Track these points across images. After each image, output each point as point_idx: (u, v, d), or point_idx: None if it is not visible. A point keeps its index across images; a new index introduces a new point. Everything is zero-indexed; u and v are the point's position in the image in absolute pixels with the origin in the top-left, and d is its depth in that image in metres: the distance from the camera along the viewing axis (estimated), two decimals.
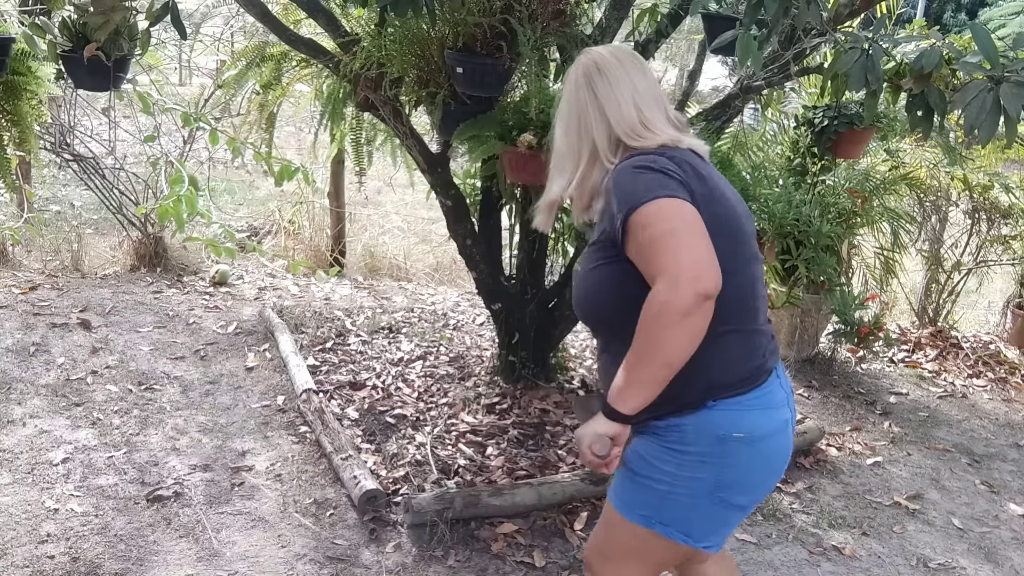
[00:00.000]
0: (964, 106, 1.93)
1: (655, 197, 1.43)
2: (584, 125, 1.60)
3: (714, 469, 1.54)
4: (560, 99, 1.67)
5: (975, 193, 4.72)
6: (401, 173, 4.29)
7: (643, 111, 1.59)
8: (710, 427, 1.53)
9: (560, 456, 3.07)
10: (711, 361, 1.50)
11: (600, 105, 1.59)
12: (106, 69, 2.74)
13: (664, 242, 1.40)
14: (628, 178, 1.49)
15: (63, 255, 4.89)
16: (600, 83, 1.60)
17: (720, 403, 1.53)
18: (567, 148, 1.64)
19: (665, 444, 1.56)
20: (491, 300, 3.42)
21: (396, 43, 2.68)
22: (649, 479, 1.58)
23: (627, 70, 1.61)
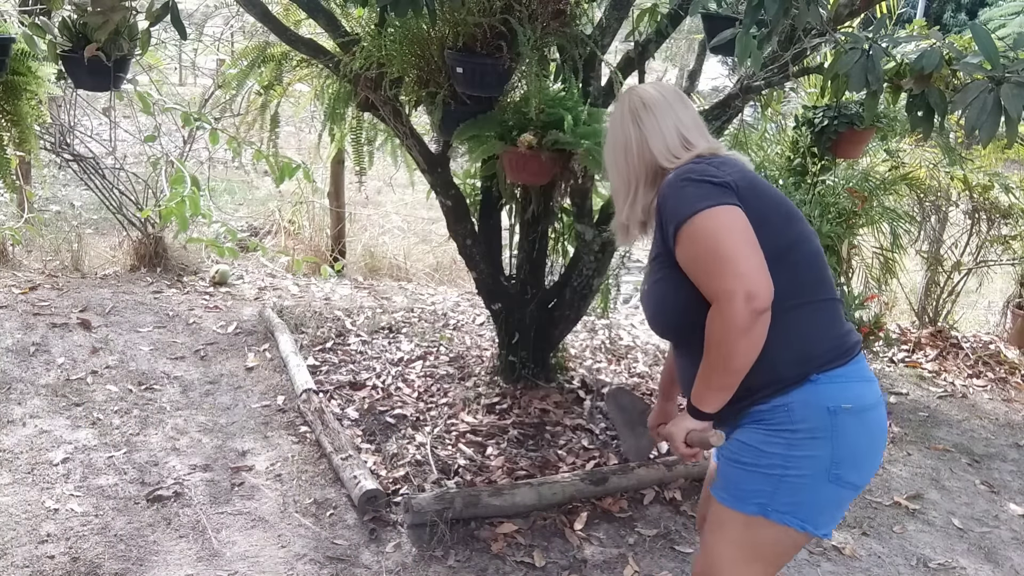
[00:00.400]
0: (965, 106, 1.93)
1: (699, 210, 1.53)
2: (629, 156, 1.72)
3: (827, 444, 1.56)
4: (608, 135, 1.79)
5: (975, 193, 4.72)
6: (401, 173, 4.29)
7: (685, 136, 1.71)
8: (817, 400, 1.57)
9: (560, 456, 3.07)
10: (802, 337, 1.58)
11: (645, 137, 1.70)
12: (106, 69, 2.74)
13: (713, 261, 1.51)
14: (673, 192, 1.59)
15: (63, 255, 4.89)
16: (645, 117, 1.72)
17: (822, 376, 1.57)
18: (619, 178, 1.76)
19: (773, 427, 1.59)
20: (491, 300, 3.42)
21: (396, 43, 2.68)
22: (759, 466, 1.60)
23: (671, 103, 1.74)
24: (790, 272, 1.57)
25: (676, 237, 1.56)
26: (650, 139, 1.70)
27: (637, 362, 4.00)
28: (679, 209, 1.55)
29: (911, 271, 5.02)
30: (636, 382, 3.76)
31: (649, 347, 4.24)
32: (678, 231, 1.55)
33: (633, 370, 3.91)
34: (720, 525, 1.69)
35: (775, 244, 1.56)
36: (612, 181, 1.80)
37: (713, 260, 1.51)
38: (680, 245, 1.56)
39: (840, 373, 1.59)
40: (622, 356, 4.06)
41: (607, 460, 3.04)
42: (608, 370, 3.85)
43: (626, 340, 4.32)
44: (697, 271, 1.55)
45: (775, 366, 1.57)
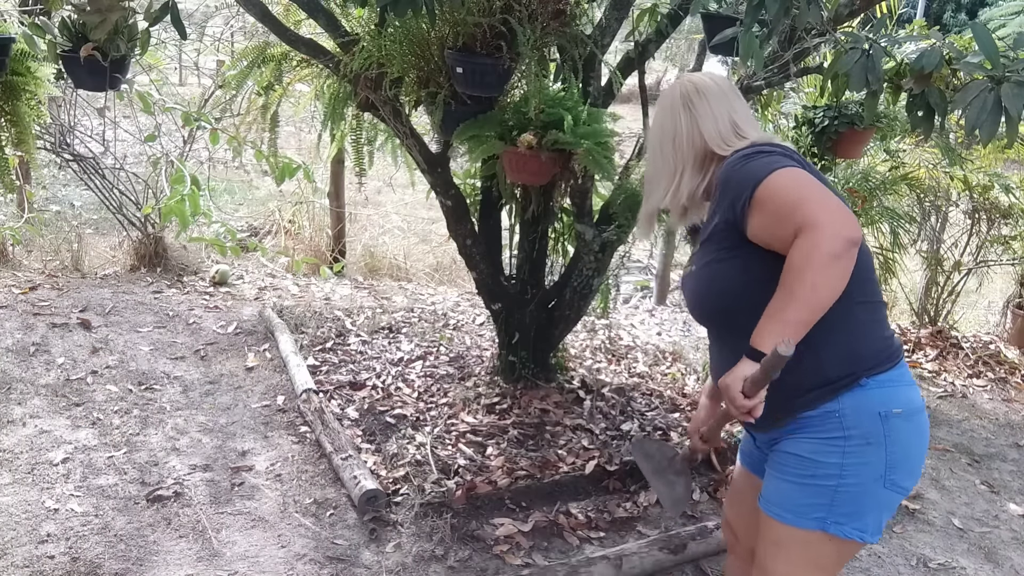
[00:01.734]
0: (965, 106, 1.93)
1: (775, 169, 1.50)
2: (678, 141, 1.70)
3: (880, 450, 1.54)
4: (655, 119, 1.76)
5: (975, 193, 4.72)
6: (401, 173, 4.29)
7: (737, 123, 1.69)
8: (868, 405, 1.54)
9: (560, 456, 3.07)
10: (851, 335, 1.54)
11: (697, 121, 1.69)
12: (104, 69, 2.74)
13: (801, 200, 1.44)
14: (740, 166, 1.56)
15: (63, 255, 4.89)
16: (698, 102, 1.70)
17: (872, 380, 1.54)
18: (662, 162, 1.73)
19: (824, 436, 1.55)
20: (491, 300, 3.42)
21: (396, 43, 2.68)
22: (814, 478, 1.56)
23: (725, 92, 1.72)
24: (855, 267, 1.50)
25: (751, 201, 1.50)
26: (702, 123, 1.68)
27: (637, 362, 4.00)
28: (753, 174, 1.52)
29: (911, 271, 5.02)
30: (636, 382, 3.76)
31: (649, 347, 4.24)
32: (754, 193, 1.50)
33: (633, 370, 3.91)
34: (776, 544, 1.64)
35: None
36: (654, 166, 1.77)
37: (800, 200, 1.44)
38: (756, 207, 1.50)
39: (888, 377, 1.56)
40: (622, 356, 4.06)
41: (607, 460, 3.04)
42: (608, 370, 3.85)
43: (626, 340, 4.32)
44: (780, 219, 1.47)
45: (823, 365, 1.54)
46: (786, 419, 1.60)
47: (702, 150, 1.68)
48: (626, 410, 3.44)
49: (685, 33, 4.50)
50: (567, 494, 2.92)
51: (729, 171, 1.58)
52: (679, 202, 1.73)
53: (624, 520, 2.82)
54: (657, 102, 1.80)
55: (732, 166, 1.58)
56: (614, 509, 2.87)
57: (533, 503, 2.85)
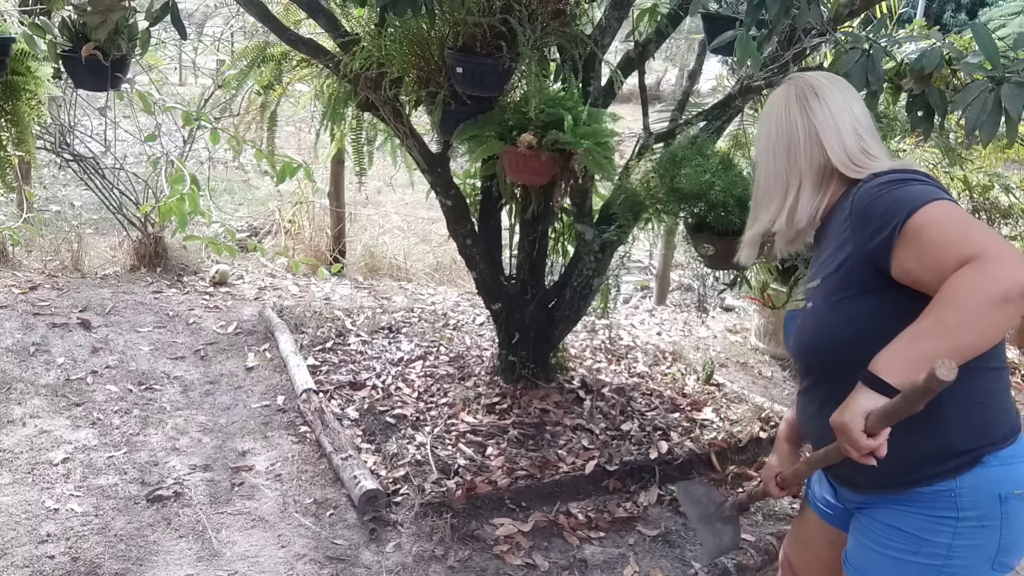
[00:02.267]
0: (965, 106, 1.93)
1: (934, 199, 1.30)
2: (794, 151, 1.51)
3: (994, 532, 1.39)
4: (763, 125, 1.57)
5: (975, 193, 4.71)
6: (401, 173, 4.29)
7: (864, 139, 1.49)
8: (988, 486, 1.38)
9: (560, 456, 3.07)
10: (984, 405, 1.38)
11: (816, 130, 1.49)
12: (105, 69, 2.74)
13: (969, 231, 1.26)
14: (885, 192, 1.36)
15: (63, 255, 4.89)
16: (817, 107, 1.50)
17: (994, 457, 1.38)
18: (775, 177, 1.54)
19: (934, 513, 1.40)
20: (491, 300, 3.42)
21: (396, 43, 2.68)
22: (917, 555, 1.41)
23: (844, 94, 1.53)
24: None
25: (902, 230, 1.29)
26: (823, 133, 1.48)
27: (637, 362, 4.00)
28: (905, 201, 1.31)
29: None
30: (636, 382, 3.76)
31: (649, 347, 4.24)
32: (907, 221, 1.29)
33: (633, 370, 3.91)
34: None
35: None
36: (763, 181, 1.56)
37: (968, 233, 1.25)
38: (908, 237, 1.29)
39: (1010, 453, 1.40)
40: (622, 356, 4.06)
41: (607, 460, 3.04)
42: (608, 370, 3.85)
43: (626, 340, 4.32)
44: (941, 247, 1.26)
45: (952, 437, 1.37)
46: (898, 489, 1.43)
47: (821, 164, 1.48)
48: (626, 410, 3.44)
49: (685, 33, 4.50)
50: (567, 494, 2.92)
51: (870, 197, 1.37)
52: (795, 226, 1.52)
53: (624, 520, 2.82)
54: (766, 105, 1.59)
55: (874, 191, 1.37)
56: (614, 509, 2.87)
57: (533, 503, 2.85)
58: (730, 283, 3.30)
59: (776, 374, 4.19)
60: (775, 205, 1.53)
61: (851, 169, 1.46)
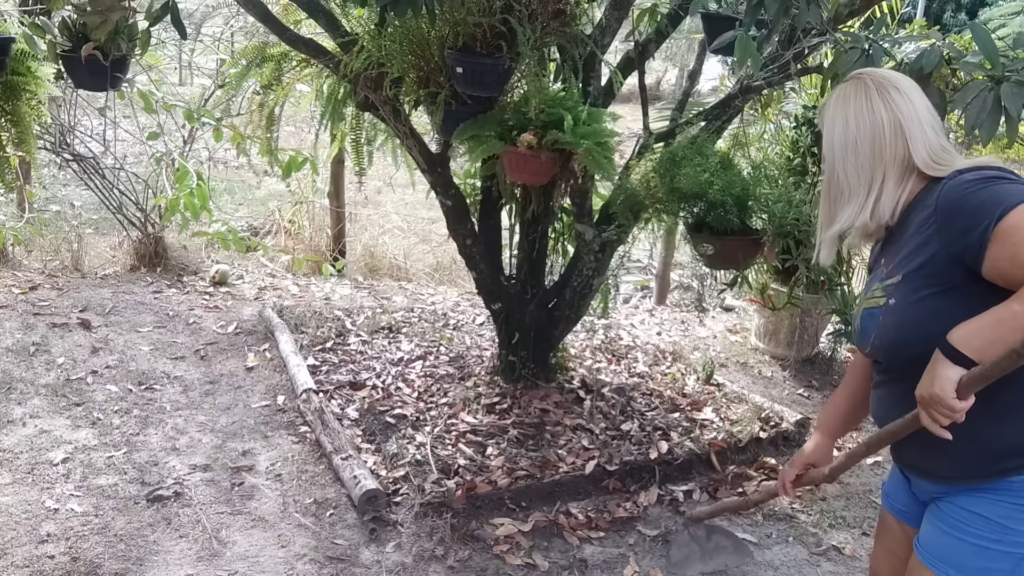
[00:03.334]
0: (965, 106, 1.93)
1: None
2: (879, 145, 1.48)
3: None
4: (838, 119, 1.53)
5: None
6: (401, 173, 4.29)
7: (940, 136, 1.49)
8: None
9: (560, 456, 3.07)
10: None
11: (900, 123, 1.47)
12: (105, 69, 2.74)
13: None
14: (975, 190, 1.36)
15: (63, 255, 4.89)
16: (900, 100, 1.48)
17: None
18: (856, 171, 1.50)
19: (1021, 503, 1.40)
20: (491, 300, 3.42)
21: (396, 43, 2.68)
22: (1000, 543, 1.42)
23: (919, 93, 1.51)
24: None
25: (995, 229, 1.30)
26: (907, 126, 1.46)
27: (637, 362, 4.00)
28: (997, 200, 1.31)
29: None
30: (636, 382, 3.76)
31: (649, 347, 4.24)
32: (1000, 221, 1.29)
33: (633, 370, 3.90)
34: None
35: None
36: (843, 176, 1.52)
37: None
38: (1001, 236, 1.30)
39: None
40: (622, 356, 4.06)
41: (607, 460, 3.04)
42: (608, 370, 3.85)
43: (626, 340, 4.31)
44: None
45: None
46: (986, 479, 1.43)
47: (904, 158, 1.47)
48: (626, 410, 3.44)
49: (685, 33, 4.50)
50: (567, 494, 2.92)
51: (959, 194, 1.37)
52: (877, 220, 1.49)
53: (624, 520, 2.82)
54: (833, 100, 1.55)
55: (961, 189, 1.37)
56: (614, 509, 2.87)
57: (533, 503, 2.85)
58: (730, 283, 3.30)
59: (776, 374, 4.19)
60: (857, 200, 1.51)
61: (932, 167, 1.45)
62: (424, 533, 2.64)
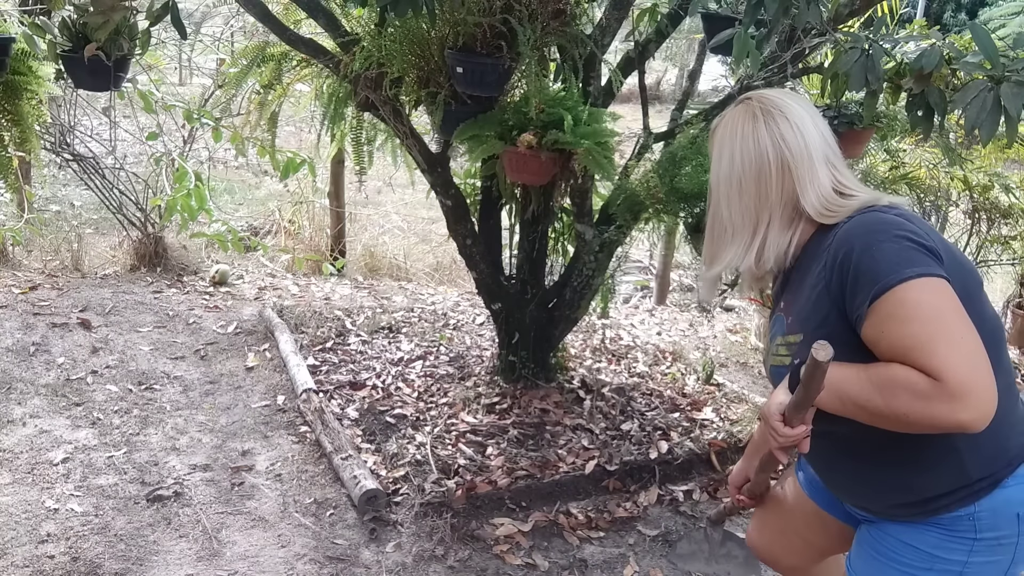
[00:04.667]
0: (964, 106, 1.93)
1: (910, 277, 1.20)
2: (765, 185, 1.37)
3: (1010, 549, 1.38)
4: (725, 150, 1.42)
5: (975, 193, 4.71)
6: (401, 173, 4.29)
7: (836, 167, 1.38)
8: (1007, 508, 1.36)
9: (560, 456, 3.07)
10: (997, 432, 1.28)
11: (789, 162, 1.36)
12: (106, 69, 2.74)
13: (936, 337, 1.18)
14: (866, 247, 1.25)
15: (63, 255, 4.89)
16: (789, 133, 1.36)
17: (1012, 478, 1.36)
18: (741, 212, 1.40)
19: (952, 534, 1.38)
20: (491, 300, 3.42)
21: (396, 43, 2.68)
22: (930, 571, 1.39)
23: (812, 116, 1.39)
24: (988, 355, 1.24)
25: (870, 307, 1.23)
26: (795, 164, 1.35)
27: (637, 362, 4.00)
28: (879, 273, 1.22)
29: None
30: (636, 382, 3.76)
31: (649, 347, 4.24)
32: (876, 300, 1.22)
33: (633, 370, 3.91)
34: None
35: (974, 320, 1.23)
36: (727, 216, 1.41)
37: (934, 339, 1.18)
38: (875, 318, 1.23)
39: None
40: (622, 356, 4.06)
41: (607, 460, 3.04)
42: (608, 370, 3.85)
43: (626, 340, 4.32)
44: (901, 346, 1.21)
45: (966, 469, 1.34)
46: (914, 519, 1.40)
47: (792, 201, 1.36)
48: (626, 410, 3.44)
49: (685, 33, 4.50)
50: (567, 494, 2.92)
51: (852, 250, 1.26)
52: (763, 266, 1.40)
53: (624, 520, 2.82)
54: (720, 127, 1.45)
55: (855, 242, 1.27)
56: (614, 509, 2.87)
57: (533, 503, 2.85)
58: (730, 283, 3.30)
59: None
60: (740, 243, 1.41)
61: (823, 216, 1.35)
62: (424, 533, 2.64)
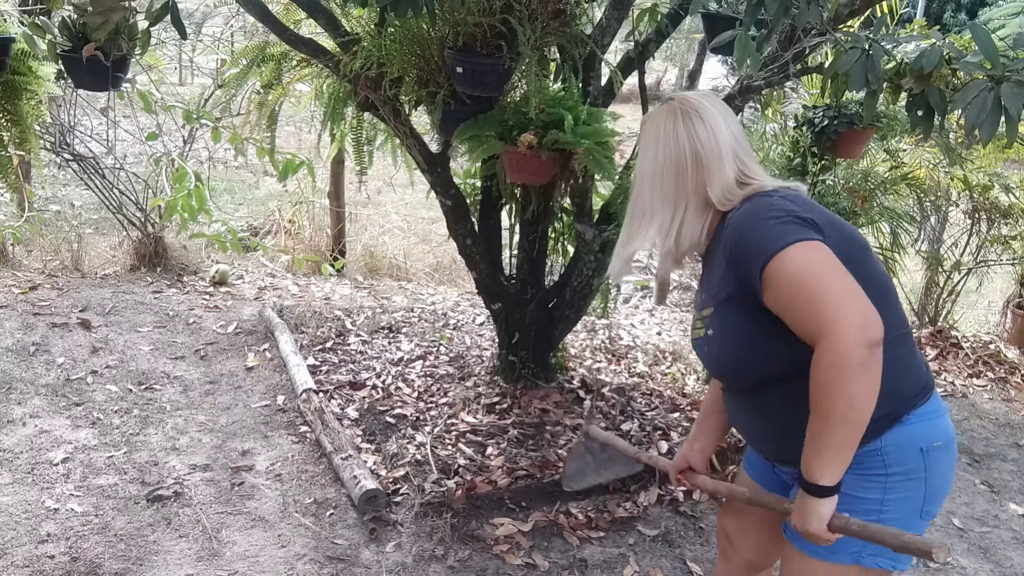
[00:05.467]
0: (965, 106, 1.93)
1: (788, 243, 1.38)
2: (682, 176, 1.53)
3: (921, 483, 1.50)
4: (647, 146, 1.58)
5: (975, 193, 4.71)
6: (401, 173, 4.29)
7: (744, 161, 1.55)
8: (910, 442, 1.49)
9: (560, 456, 3.07)
10: (890, 373, 1.41)
11: (702, 157, 1.53)
12: (106, 69, 2.74)
13: (815, 296, 1.35)
14: (751, 228, 1.43)
15: (63, 255, 4.89)
16: (703, 131, 1.53)
17: (912, 415, 1.49)
18: (661, 199, 1.56)
19: (865, 472, 1.49)
20: (491, 300, 3.42)
21: (396, 43, 2.68)
22: (852, 514, 1.47)
23: (724, 117, 1.56)
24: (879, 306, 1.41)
25: (763, 277, 1.39)
26: (707, 160, 1.52)
27: (637, 362, 4.00)
28: (762, 246, 1.40)
29: (911, 271, 5.02)
30: (636, 382, 3.76)
31: (649, 347, 4.24)
32: (764, 270, 1.39)
33: (633, 370, 3.91)
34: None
35: (860, 281, 1.40)
36: (647, 202, 1.57)
37: (814, 296, 1.35)
38: (769, 286, 1.40)
39: (926, 410, 1.51)
40: (622, 356, 4.06)
41: None
42: (608, 370, 3.85)
43: (626, 340, 4.32)
44: (795, 311, 1.38)
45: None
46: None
47: (704, 191, 1.53)
48: (626, 410, 3.44)
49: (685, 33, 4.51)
50: (567, 494, 2.91)
51: (740, 230, 1.45)
52: (680, 248, 1.56)
53: (624, 520, 2.82)
54: (647, 124, 1.61)
55: (745, 220, 1.45)
56: (614, 509, 2.87)
57: (533, 503, 2.85)
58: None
59: None
60: (657, 227, 1.57)
61: (723, 203, 1.52)
62: (424, 533, 2.64)
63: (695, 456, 1.84)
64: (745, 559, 1.88)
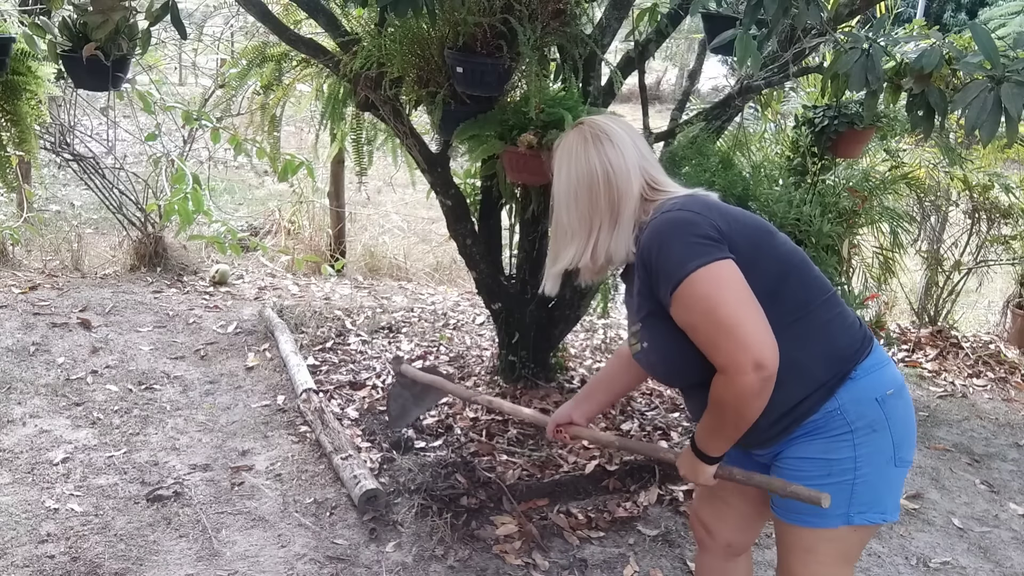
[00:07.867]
0: (965, 106, 1.93)
1: (691, 271, 1.46)
2: (594, 193, 1.60)
3: (886, 433, 1.58)
4: (562, 168, 1.66)
5: (975, 193, 4.71)
6: (401, 173, 4.29)
7: (650, 172, 1.63)
8: (865, 394, 1.58)
9: (560, 456, 3.07)
10: (826, 338, 1.57)
11: (611, 177, 1.59)
12: (106, 69, 2.74)
13: (714, 331, 1.46)
14: (660, 247, 1.51)
15: (63, 255, 4.89)
16: (612, 152, 1.60)
17: (859, 369, 1.58)
18: (578, 218, 1.63)
19: (832, 434, 1.58)
20: (491, 300, 3.42)
21: (396, 43, 2.68)
22: (831, 476, 1.58)
23: (629, 135, 1.64)
24: (794, 286, 1.56)
25: (671, 299, 1.50)
26: (617, 179, 1.59)
27: None
28: (670, 270, 1.49)
29: (911, 271, 5.02)
30: None
31: None
32: (673, 293, 1.49)
33: None
34: (807, 551, 1.66)
35: (774, 270, 1.55)
36: (567, 221, 1.65)
37: (714, 330, 1.46)
38: (676, 309, 1.50)
39: (871, 362, 1.60)
40: None
41: (607, 460, 3.04)
42: None
43: None
44: (699, 339, 1.50)
45: (812, 373, 1.56)
46: (792, 429, 1.61)
47: (616, 204, 1.60)
48: (626, 410, 3.44)
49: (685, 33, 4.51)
50: (567, 494, 2.92)
51: (649, 252, 1.53)
52: (597, 263, 1.64)
53: (624, 520, 2.82)
54: (560, 148, 1.68)
55: (651, 244, 1.53)
56: (614, 509, 2.87)
57: (533, 503, 2.85)
58: None
59: None
60: (578, 244, 1.64)
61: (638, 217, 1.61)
62: (424, 533, 2.64)
63: (578, 416, 1.97)
64: (724, 543, 1.93)
